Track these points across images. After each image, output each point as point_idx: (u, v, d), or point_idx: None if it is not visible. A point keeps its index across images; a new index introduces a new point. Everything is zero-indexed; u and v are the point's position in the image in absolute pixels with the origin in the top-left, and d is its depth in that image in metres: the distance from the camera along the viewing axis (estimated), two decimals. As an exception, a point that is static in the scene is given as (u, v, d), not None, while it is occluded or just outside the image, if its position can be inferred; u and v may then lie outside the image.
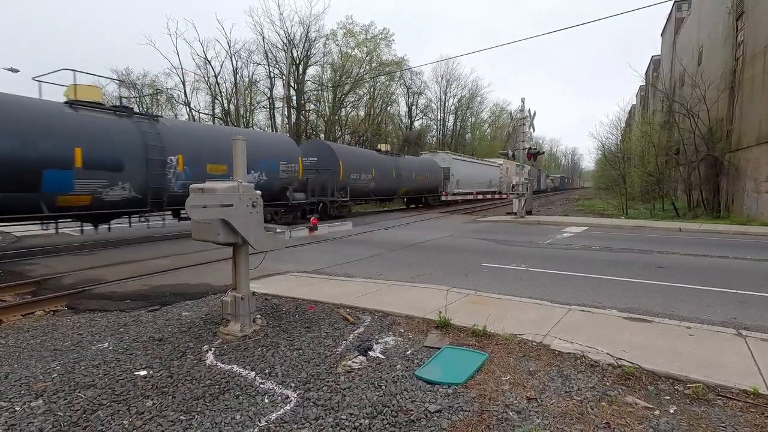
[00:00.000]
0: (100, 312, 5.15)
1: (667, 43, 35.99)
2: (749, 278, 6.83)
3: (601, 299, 5.57)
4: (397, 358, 3.65)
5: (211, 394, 3.03)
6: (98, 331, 4.42)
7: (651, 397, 2.95)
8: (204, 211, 3.81)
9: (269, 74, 38.90)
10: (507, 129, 30.77)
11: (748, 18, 17.27)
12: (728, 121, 19.06)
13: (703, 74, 20.83)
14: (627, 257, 8.88)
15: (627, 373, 3.27)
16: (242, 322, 4.22)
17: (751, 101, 16.46)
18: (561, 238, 12.03)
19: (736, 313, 4.97)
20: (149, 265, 8.11)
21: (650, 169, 23.12)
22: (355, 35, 41.90)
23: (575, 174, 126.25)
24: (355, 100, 43.34)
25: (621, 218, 18.77)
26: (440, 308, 4.62)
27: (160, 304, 5.42)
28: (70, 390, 3.11)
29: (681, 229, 14.05)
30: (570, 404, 2.85)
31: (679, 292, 6.00)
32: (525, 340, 3.93)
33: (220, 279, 6.68)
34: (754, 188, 15.74)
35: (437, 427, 2.58)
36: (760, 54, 15.63)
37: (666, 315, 4.81)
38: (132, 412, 2.80)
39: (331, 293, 5.66)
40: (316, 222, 5.28)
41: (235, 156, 4.24)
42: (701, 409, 2.79)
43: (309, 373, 3.36)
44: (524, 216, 18.49)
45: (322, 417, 2.72)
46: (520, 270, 7.57)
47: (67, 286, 6.46)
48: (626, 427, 2.57)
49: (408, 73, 45.78)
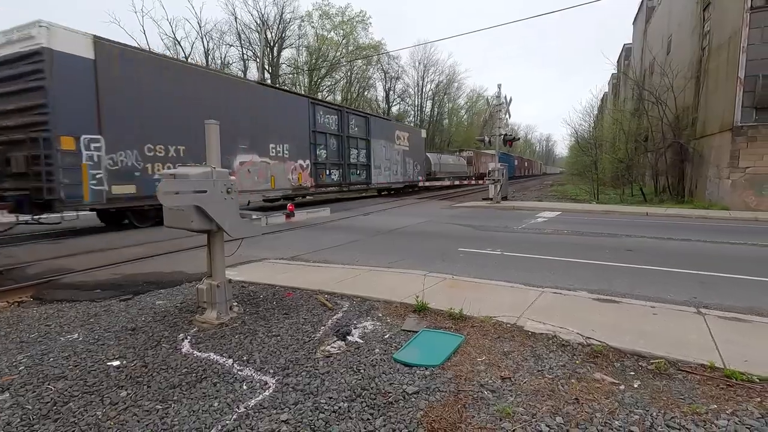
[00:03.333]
0: (68, 302, 4.98)
1: (639, 32, 36.78)
2: (709, 260, 7.20)
3: (572, 282, 5.77)
4: (376, 342, 3.69)
5: (187, 383, 3.00)
6: (67, 322, 4.29)
7: (617, 373, 3.10)
8: (176, 198, 3.71)
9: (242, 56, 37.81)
10: (483, 115, 30.60)
11: (715, 9, 17.80)
12: (694, 109, 19.78)
13: (671, 63, 21.45)
14: (597, 241, 9.19)
15: (596, 351, 3.42)
16: (219, 310, 4.17)
17: (716, 90, 17.10)
18: (535, 223, 12.33)
19: (696, 293, 5.24)
20: (121, 253, 7.87)
21: (620, 156, 23.85)
22: (331, 17, 41.06)
23: (547, 158, 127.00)
24: (331, 84, 42.72)
25: (592, 203, 19.35)
26: (418, 293, 4.69)
27: (133, 293, 5.28)
28: (39, 382, 3.02)
29: (648, 213, 14.61)
30: (542, 382, 2.97)
31: (645, 273, 6.27)
32: (500, 322, 4.04)
33: (196, 267, 6.56)
34: (716, 174, 16.47)
35: (415, 408, 2.64)
36: (724, 44, 16.19)
37: (633, 296, 5.03)
38: (105, 403, 2.75)
39: (309, 279, 5.65)
40: (293, 208, 5.22)
41: (208, 140, 4.13)
42: (663, 383, 2.96)
43: (287, 359, 3.37)
44: (500, 201, 18.82)
45: (301, 401, 2.74)
46: (496, 254, 7.73)
47: (33, 276, 6.21)
48: (594, 402, 2.70)
49: (385, 57, 45.35)
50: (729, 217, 13.23)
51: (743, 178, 14.95)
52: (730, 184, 15.18)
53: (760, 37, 14.46)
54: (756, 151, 14.73)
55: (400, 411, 2.62)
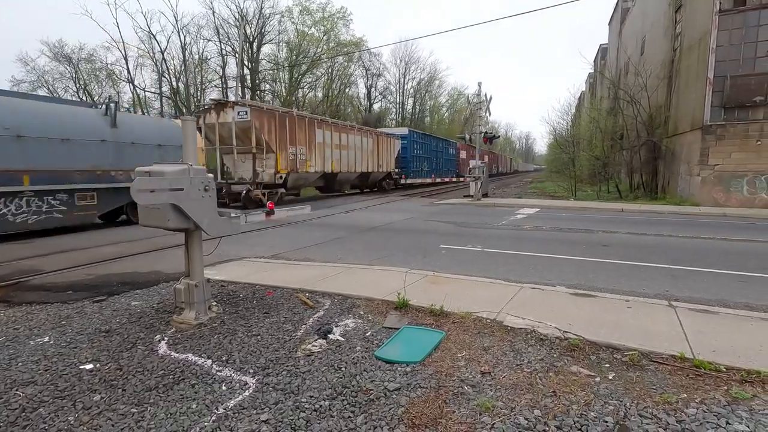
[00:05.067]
0: (38, 304, 4.81)
1: (614, 32, 37.66)
2: (681, 254, 7.45)
3: (550, 277, 5.88)
4: (357, 339, 3.69)
5: (164, 385, 2.94)
6: (37, 325, 4.14)
7: (593, 366, 3.18)
8: (152, 196, 3.61)
9: (221, 51, 37.14)
10: (464, 113, 31.15)
11: (686, 10, 18.37)
12: (666, 108, 20.39)
13: (645, 63, 22.06)
14: (574, 237, 9.39)
15: (572, 344, 3.50)
16: (197, 310, 4.09)
17: (687, 90, 17.67)
18: (514, 220, 12.52)
19: (668, 286, 5.42)
20: (94, 253, 7.64)
21: (597, 153, 24.44)
22: (311, 13, 40.65)
23: (527, 156, 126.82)
24: (312, 81, 42.35)
25: (570, 200, 19.76)
26: (399, 289, 4.70)
27: (107, 294, 5.14)
28: (6, 388, 2.90)
29: (623, 209, 15.01)
30: (521, 376, 3.02)
31: (620, 268, 6.44)
32: (480, 318, 4.09)
33: (173, 266, 6.42)
34: (687, 171, 17.04)
35: (396, 405, 2.65)
36: (695, 45, 16.73)
37: (608, 290, 5.17)
38: (78, 408, 2.66)
39: (289, 278, 5.60)
40: (273, 206, 5.16)
41: (185, 137, 4.04)
42: (636, 374, 3.05)
43: (268, 358, 3.33)
44: (480, 198, 19.03)
45: (281, 401, 2.71)
46: (477, 251, 7.82)
47: (0, 277, 5.97)
48: (571, 394, 2.76)
49: (367, 54, 45.21)
50: (699, 213, 13.71)
51: (712, 175, 15.51)
52: (700, 180, 15.73)
53: (728, 38, 15.00)
54: (724, 149, 15.29)
55: (382, 408, 2.62)
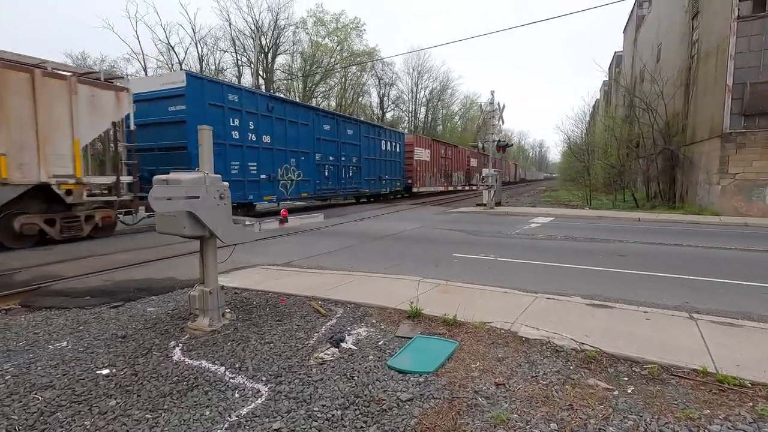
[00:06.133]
0: (57, 309, 4.90)
1: (629, 40, 37.34)
2: (701, 264, 7.26)
3: (565, 287, 5.78)
4: (370, 348, 3.67)
5: (178, 391, 2.96)
6: (56, 330, 4.22)
7: (611, 379, 3.10)
8: (168, 203, 3.68)
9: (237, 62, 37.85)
10: (477, 121, 29.85)
11: (703, 17, 18.13)
12: (684, 115, 20.06)
13: (661, 70, 21.77)
14: (590, 246, 9.24)
15: (589, 356, 3.42)
16: (211, 317, 4.12)
17: (704, 97, 17.37)
18: (528, 229, 12.38)
19: (688, 298, 5.28)
20: (111, 259, 7.78)
21: (612, 162, 24.12)
22: (325, 24, 41.29)
23: (540, 164, 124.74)
24: (326, 90, 42.85)
25: (585, 209, 19.49)
26: (412, 298, 4.67)
27: (124, 300, 5.21)
28: (26, 392, 2.96)
29: (640, 219, 14.74)
30: (536, 388, 2.96)
31: (638, 278, 6.30)
32: (494, 328, 4.04)
33: (187, 273, 6.49)
34: (706, 180, 16.68)
35: (409, 416, 2.62)
36: (713, 52, 16.47)
37: (625, 300, 5.06)
38: (94, 413, 2.69)
39: (302, 286, 5.61)
40: (287, 214, 5.20)
41: (201, 146, 4.11)
42: (656, 388, 2.96)
43: (280, 366, 3.33)
44: (493, 207, 18.89)
45: (294, 410, 2.70)
46: (490, 260, 7.75)
47: (21, 282, 6.11)
48: (588, 408, 2.70)
49: (379, 63, 45.62)
50: (720, 223, 13.38)
51: (733, 183, 15.15)
52: (720, 189, 15.37)
53: (747, 45, 14.74)
54: (745, 157, 14.94)
55: (394, 418, 2.59)
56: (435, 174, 29.72)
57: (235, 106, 13.81)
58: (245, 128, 14.25)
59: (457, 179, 34.28)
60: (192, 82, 12.55)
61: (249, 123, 14.40)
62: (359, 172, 21.38)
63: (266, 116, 15.11)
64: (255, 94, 15.42)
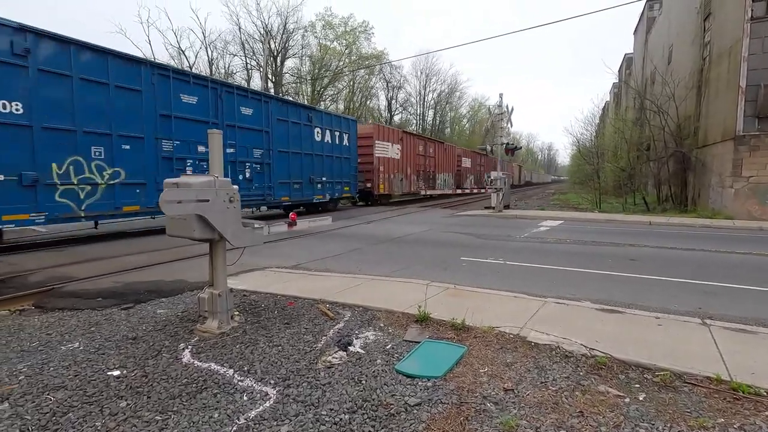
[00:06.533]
0: (69, 311, 4.97)
1: (639, 42, 37.00)
2: (713, 269, 7.14)
3: (575, 291, 5.72)
4: (377, 352, 3.66)
5: (188, 393, 2.98)
6: (68, 331, 4.27)
7: (622, 386, 3.06)
8: (179, 207, 3.72)
9: (246, 66, 38.19)
10: (485, 124, 28.48)
11: (715, 19, 17.91)
12: (695, 118, 19.80)
13: (672, 73, 21.53)
14: (600, 250, 9.14)
15: (599, 362, 3.38)
16: (220, 319, 4.15)
17: (717, 99, 17.13)
18: (537, 232, 12.29)
19: (701, 303, 5.20)
20: (122, 261, 7.88)
21: (622, 165, 23.85)
22: (334, 27, 41.54)
23: (549, 167, 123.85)
24: (334, 94, 43.04)
25: (595, 212, 19.30)
26: (420, 302, 4.66)
27: (134, 302, 5.27)
28: (39, 392, 3.00)
29: (651, 222, 14.55)
30: (545, 394, 2.93)
31: (649, 283, 6.22)
32: (502, 333, 4.01)
33: (197, 275, 6.55)
34: (719, 183, 16.43)
35: (417, 420, 2.61)
36: (725, 54, 16.25)
37: (636, 306, 4.99)
38: (105, 414, 2.72)
39: (310, 288, 5.63)
40: (296, 217, 5.23)
41: (211, 150, 4.15)
42: (669, 395, 2.92)
43: (288, 369, 3.34)
44: (502, 210, 18.79)
45: (302, 413, 2.71)
46: (498, 263, 7.70)
47: (34, 284, 6.21)
48: (599, 415, 2.66)
49: (387, 66, 45.76)
50: (733, 227, 13.16)
51: (746, 187, 14.90)
52: (733, 193, 15.12)
53: (761, 46, 14.52)
54: (759, 160, 14.70)
55: (402, 423, 2.59)
56: (409, 176, 24.59)
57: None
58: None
59: (442, 182, 29.58)
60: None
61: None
62: (267, 173, 14.28)
63: (14, 65, 8.08)
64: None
